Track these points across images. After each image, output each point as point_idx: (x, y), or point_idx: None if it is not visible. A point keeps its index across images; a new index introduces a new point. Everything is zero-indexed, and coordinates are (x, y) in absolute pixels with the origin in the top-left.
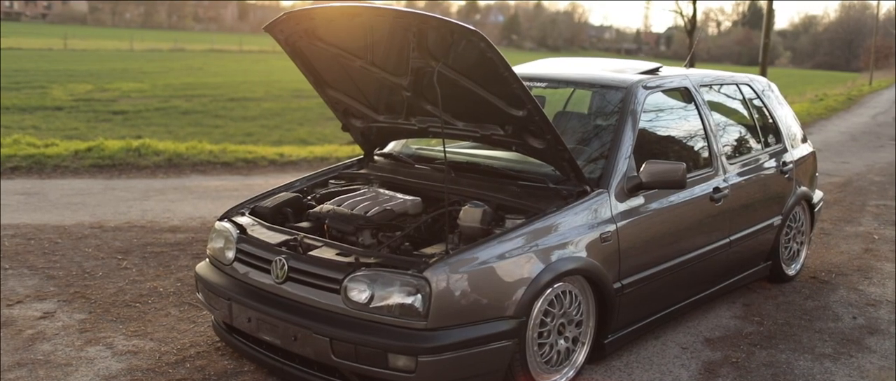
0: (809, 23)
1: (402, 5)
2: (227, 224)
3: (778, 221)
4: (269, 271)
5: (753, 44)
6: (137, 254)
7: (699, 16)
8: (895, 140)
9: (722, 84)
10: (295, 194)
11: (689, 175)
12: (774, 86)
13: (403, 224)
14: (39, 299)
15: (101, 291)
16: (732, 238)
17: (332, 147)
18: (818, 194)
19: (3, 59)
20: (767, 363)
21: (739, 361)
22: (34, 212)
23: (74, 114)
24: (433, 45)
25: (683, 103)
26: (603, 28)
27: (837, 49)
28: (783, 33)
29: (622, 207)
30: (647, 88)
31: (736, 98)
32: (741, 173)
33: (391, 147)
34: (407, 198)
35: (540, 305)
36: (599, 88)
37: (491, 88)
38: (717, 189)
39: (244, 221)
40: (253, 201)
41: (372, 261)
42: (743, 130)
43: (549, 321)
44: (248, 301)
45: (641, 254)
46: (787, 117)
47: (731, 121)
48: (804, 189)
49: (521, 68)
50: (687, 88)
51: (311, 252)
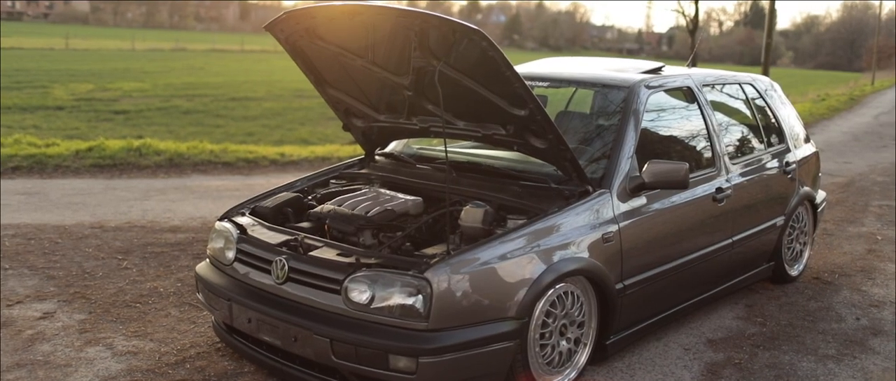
0: (811, 23)
1: (403, 4)
2: (227, 224)
3: (781, 221)
4: (269, 272)
5: (755, 44)
6: (138, 254)
7: (701, 15)
8: None
9: (724, 84)
10: (295, 194)
11: (691, 175)
12: (777, 85)
13: (404, 224)
14: (39, 300)
15: (101, 291)
16: (735, 239)
17: (333, 147)
18: (821, 195)
19: (4, 59)
20: (770, 364)
21: (742, 362)
22: (35, 212)
23: (75, 113)
24: (435, 45)
25: (686, 103)
26: (605, 28)
27: (839, 49)
28: (785, 33)
29: (624, 207)
30: (649, 87)
31: (739, 98)
32: (744, 174)
33: (392, 147)
34: (408, 198)
35: (542, 306)
36: (601, 87)
37: (493, 87)
38: (719, 189)
39: (244, 221)
40: (253, 201)
41: (373, 261)
42: (745, 129)
43: (550, 321)
44: (248, 302)
45: (644, 254)
46: (789, 117)
47: (733, 121)
48: (807, 189)
49: (522, 68)
50: (689, 87)
51: (311, 253)
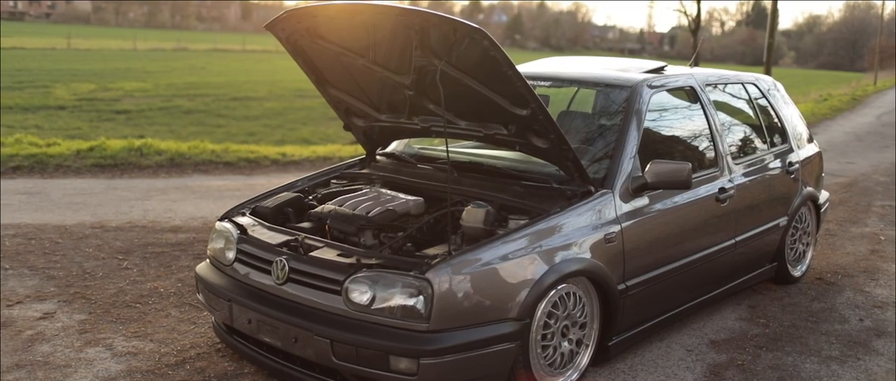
0: (813, 23)
1: (404, 3)
2: (227, 224)
3: (784, 221)
4: (269, 272)
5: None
6: (138, 254)
7: (703, 15)
8: None
9: (727, 83)
10: (296, 194)
11: (694, 175)
12: (780, 85)
13: (405, 225)
14: (39, 300)
15: (101, 291)
16: (738, 239)
17: (334, 147)
18: (824, 195)
19: (6, 59)
20: (773, 365)
21: (745, 363)
22: (35, 212)
23: (77, 113)
24: (436, 44)
25: (688, 103)
26: (606, 28)
27: (842, 49)
28: (787, 33)
29: (627, 207)
30: (651, 87)
31: (741, 97)
32: (747, 174)
33: (393, 147)
34: (409, 198)
35: (543, 307)
36: (604, 87)
37: (494, 86)
38: (722, 189)
39: (245, 221)
40: (254, 201)
41: (373, 262)
42: (748, 129)
43: (552, 322)
44: (248, 302)
45: (646, 255)
46: (792, 117)
47: (736, 121)
48: (810, 190)
49: (524, 67)
50: (692, 87)
51: (312, 253)
